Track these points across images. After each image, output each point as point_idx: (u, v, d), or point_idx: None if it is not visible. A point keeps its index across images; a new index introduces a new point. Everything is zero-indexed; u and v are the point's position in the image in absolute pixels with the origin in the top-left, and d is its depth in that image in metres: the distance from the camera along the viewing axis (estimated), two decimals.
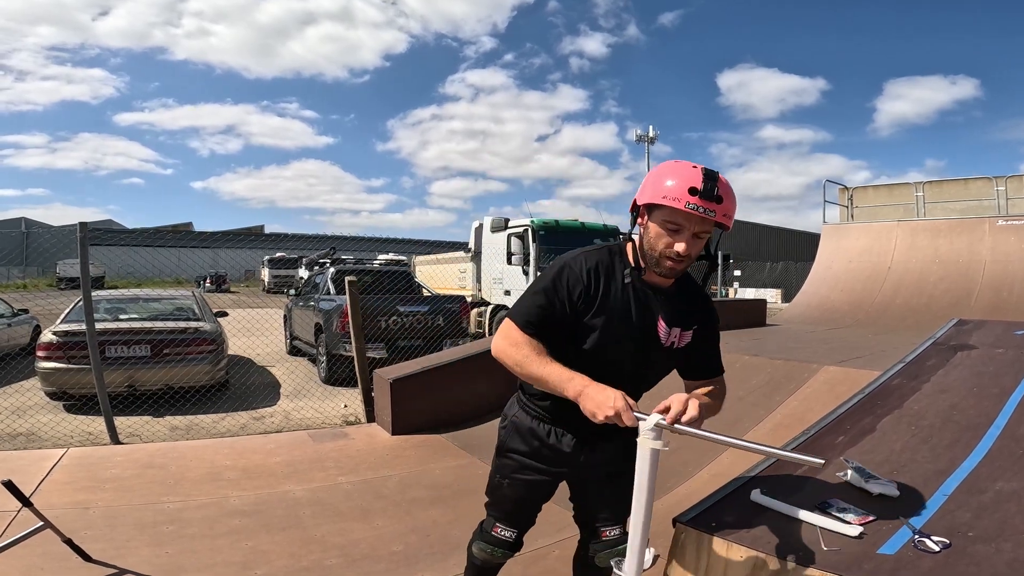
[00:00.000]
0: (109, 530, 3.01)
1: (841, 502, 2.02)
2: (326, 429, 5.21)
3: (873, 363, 4.60)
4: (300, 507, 3.41)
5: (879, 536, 1.84)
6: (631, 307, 1.63)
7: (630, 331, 1.63)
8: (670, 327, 1.65)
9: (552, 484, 1.89)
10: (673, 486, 3.68)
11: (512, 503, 1.92)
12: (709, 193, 1.46)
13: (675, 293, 1.68)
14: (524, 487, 1.87)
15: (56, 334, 6.28)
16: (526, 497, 1.90)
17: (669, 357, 1.71)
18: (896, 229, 10.15)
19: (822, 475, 2.21)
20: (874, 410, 2.76)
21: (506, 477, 1.89)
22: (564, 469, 1.84)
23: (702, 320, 1.72)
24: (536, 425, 1.82)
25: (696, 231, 1.51)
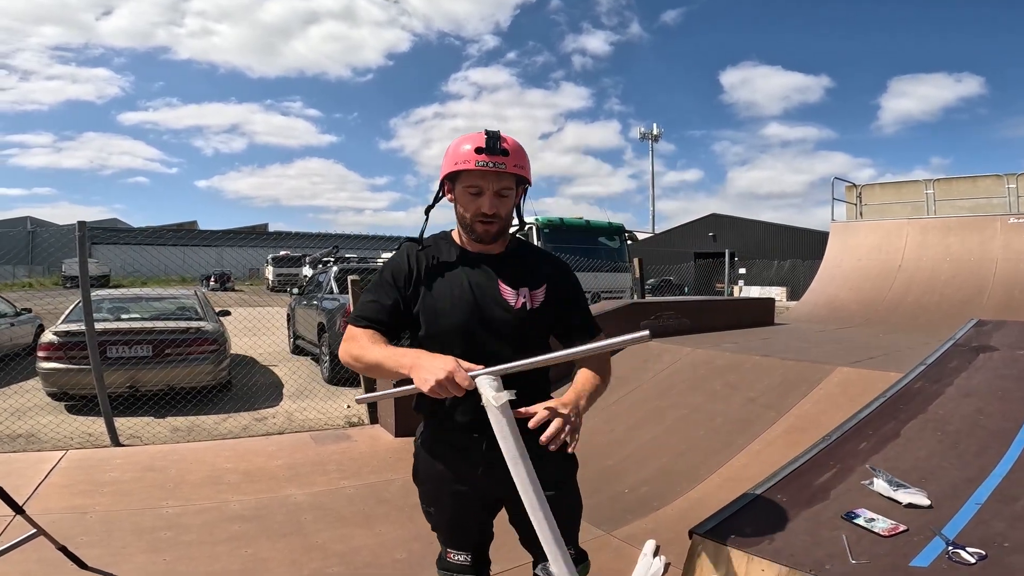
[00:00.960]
0: (106, 536, 2.93)
1: (868, 512, 1.93)
2: (328, 431, 5.13)
3: (887, 364, 4.49)
4: (301, 512, 3.33)
5: (911, 548, 1.74)
6: (465, 279, 1.59)
7: (470, 301, 1.57)
8: (516, 288, 1.59)
9: (481, 501, 1.70)
10: (684, 490, 3.58)
11: (448, 527, 1.76)
12: (493, 148, 1.49)
13: (512, 256, 1.65)
14: (450, 509, 1.71)
15: (57, 334, 6.22)
16: (459, 520, 1.73)
17: (529, 321, 1.60)
18: (906, 227, 10.01)
19: (846, 483, 2.12)
20: (897, 415, 2.66)
21: (430, 505, 1.75)
22: (484, 485, 1.65)
23: (552, 277, 1.66)
24: (436, 448, 1.70)
25: (496, 189, 1.53)
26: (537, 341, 1.64)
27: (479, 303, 1.57)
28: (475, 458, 1.62)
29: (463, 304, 1.57)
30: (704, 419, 4.30)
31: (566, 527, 1.69)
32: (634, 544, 2.99)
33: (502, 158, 1.50)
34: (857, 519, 1.91)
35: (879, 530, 1.84)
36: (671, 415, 4.51)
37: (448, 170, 1.56)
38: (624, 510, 3.39)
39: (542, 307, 1.62)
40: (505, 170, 1.51)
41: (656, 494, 3.55)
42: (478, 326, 1.56)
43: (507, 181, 1.54)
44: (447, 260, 1.62)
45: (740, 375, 4.76)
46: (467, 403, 1.54)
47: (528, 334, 1.60)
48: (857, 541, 1.81)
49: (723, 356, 5.21)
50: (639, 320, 6.58)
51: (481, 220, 1.55)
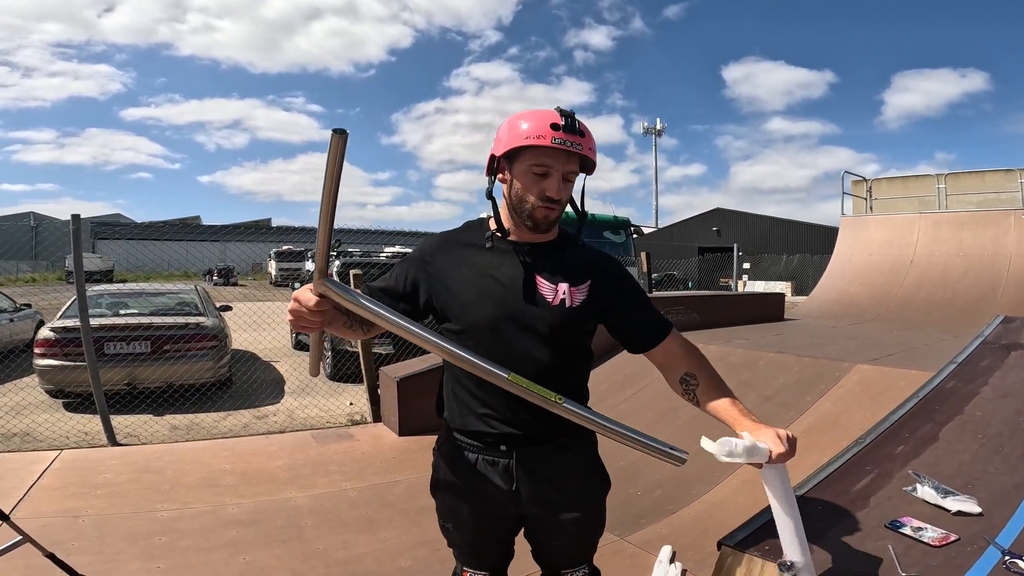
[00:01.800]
0: (98, 541, 2.81)
1: (915, 520, 1.79)
2: (330, 430, 5.00)
3: (907, 361, 4.35)
4: (301, 516, 3.19)
5: (964, 558, 1.60)
6: (496, 269, 1.43)
7: (500, 295, 1.41)
8: (555, 283, 1.42)
9: (504, 520, 1.56)
10: (699, 493, 3.45)
11: (466, 546, 1.61)
12: (572, 127, 1.34)
13: (553, 247, 1.47)
14: (471, 530, 1.56)
15: (54, 330, 6.11)
16: (479, 539, 1.58)
17: (567, 321, 1.43)
18: (918, 221, 9.83)
19: (887, 489, 1.97)
20: (933, 416, 2.51)
21: (448, 521, 1.59)
22: (508, 504, 1.50)
23: (597, 274, 1.47)
24: (458, 456, 1.51)
25: (564, 171, 1.38)
26: (575, 344, 1.48)
27: (510, 297, 1.41)
28: (503, 475, 1.46)
29: (491, 297, 1.41)
30: None
31: (584, 546, 1.65)
32: (649, 550, 2.87)
33: (579, 138, 1.35)
34: (903, 528, 1.77)
35: (928, 540, 1.71)
36: (684, 414, 4.37)
37: (514, 144, 1.37)
38: (638, 514, 3.27)
39: (583, 306, 1.44)
40: (581, 151, 1.36)
41: (670, 497, 3.42)
42: (508, 322, 1.40)
43: (575, 165, 1.39)
44: (479, 248, 1.46)
45: (754, 372, 4.62)
46: (497, 408, 1.42)
47: (565, 335, 1.44)
48: (905, 552, 1.68)
49: (736, 352, 5.07)
50: None
51: (546, 205, 1.38)
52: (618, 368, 5.48)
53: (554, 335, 1.41)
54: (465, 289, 1.43)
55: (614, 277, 1.50)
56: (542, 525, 1.56)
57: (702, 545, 2.85)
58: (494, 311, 1.40)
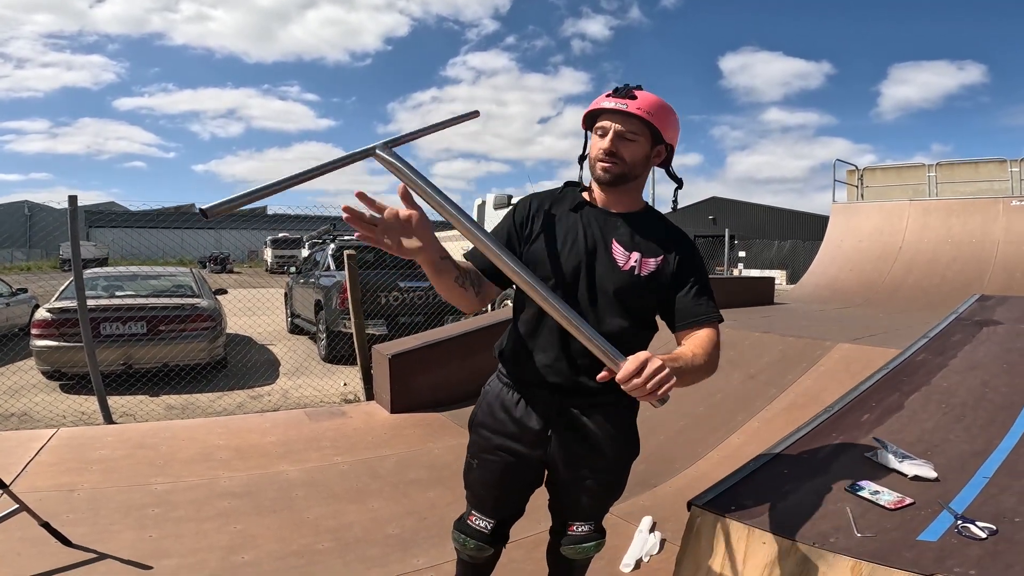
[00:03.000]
0: (92, 513, 2.87)
1: (873, 484, 1.87)
2: (323, 407, 5.08)
3: (888, 341, 4.43)
4: (293, 488, 3.27)
5: (918, 521, 1.68)
6: (580, 230, 1.56)
7: (579, 252, 1.54)
8: (628, 251, 1.54)
9: (529, 469, 1.65)
10: (681, 468, 3.54)
11: (483, 488, 1.70)
12: (623, 91, 1.52)
13: (635, 219, 1.59)
14: (495, 470, 1.65)
15: (51, 311, 6.15)
16: (499, 482, 1.67)
17: (634, 287, 1.52)
18: (908, 209, 9.91)
19: (850, 455, 2.06)
20: (900, 387, 2.60)
21: (475, 457, 1.70)
22: (537, 451, 1.60)
23: (672, 249, 1.57)
24: (505, 393, 1.65)
25: (621, 130, 1.51)
26: (638, 310, 1.56)
27: (587, 255, 1.54)
28: (540, 418, 1.58)
29: (573, 253, 1.54)
30: (704, 396, 4.24)
31: (599, 506, 1.74)
32: (631, 521, 2.95)
33: (628, 100, 1.50)
34: (862, 491, 1.85)
35: (885, 503, 1.78)
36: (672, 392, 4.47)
37: (586, 113, 1.60)
38: None
39: (651, 276, 1.54)
40: (627, 110, 1.49)
41: (654, 472, 3.51)
42: (582, 278, 1.53)
43: (633, 124, 1.50)
44: (568, 209, 1.60)
45: (740, 352, 4.70)
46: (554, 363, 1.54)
47: (629, 300, 1.53)
48: (862, 514, 1.75)
49: (722, 333, 5.13)
50: None
51: (601, 159, 1.52)
52: None
53: (619, 298, 1.52)
54: (550, 244, 1.55)
55: (687, 256, 1.58)
56: (564, 478, 1.65)
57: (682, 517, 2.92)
58: (571, 266, 1.53)
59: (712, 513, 1.89)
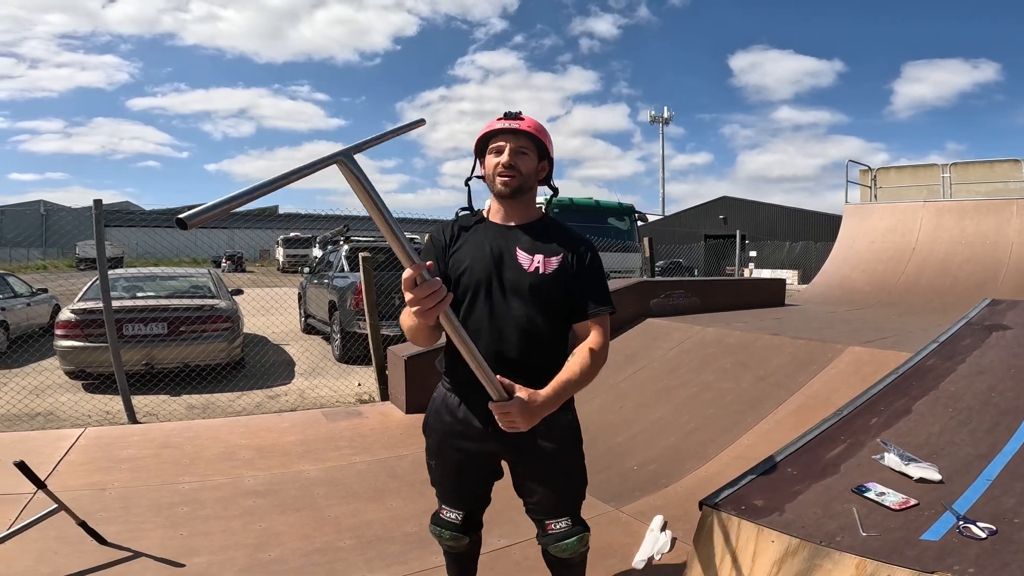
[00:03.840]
0: (124, 512, 2.98)
1: (879, 486, 1.93)
2: (340, 408, 5.19)
3: (900, 344, 4.46)
4: (314, 487, 3.37)
5: (921, 522, 1.75)
6: (486, 243, 1.75)
7: (488, 263, 1.72)
8: (531, 254, 1.73)
9: (481, 463, 1.84)
10: (691, 468, 3.60)
11: (445, 484, 1.90)
12: (512, 115, 1.74)
13: (533, 228, 1.79)
14: (450, 467, 1.85)
15: (74, 312, 6.30)
16: (456, 478, 1.87)
17: (541, 284, 1.72)
18: (921, 209, 9.86)
19: (857, 457, 2.12)
20: (909, 391, 2.65)
21: (432, 457, 1.89)
22: (487, 446, 1.78)
23: (570, 249, 1.76)
24: (448, 397, 1.83)
25: (514, 146, 1.71)
26: (547, 303, 1.73)
27: (495, 264, 1.72)
28: (482, 416, 1.72)
29: (482, 264, 1.72)
30: (714, 397, 4.30)
31: (565, 499, 1.86)
32: (642, 520, 3.02)
33: (518, 121, 1.72)
34: (868, 492, 1.91)
35: (890, 504, 1.85)
36: (681, 393, 4.52)
37: (480, 135, 1.78)
38: (633, 487, 3.42)
39: (555, 273, 1.72)
40: (520, 128, 1.70)
41: (665, 472, 3.57)
42: (495, 284, 1.71)
43: (524, 141, 1.72)
44: (475, 228, 1.80)
45: (750, 354, 4.75)
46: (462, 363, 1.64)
47: (541, 295, 1.72)
48: (868, 514, 1.82)
49: (733, 335, 5.19)
50: (649, 298, 6.57)
51: (501, 172, 1.71)
52: (618, 349, 5.62)
53: (531, 294, 1.70)
54: (464, 259, 1.75)
55: (584, 255, 1.78)
56: (520, 466, 1.83)
57: (692, 516, 2.99)
58: (483, 275, 1.72)
59: (723, 512, 1.96)
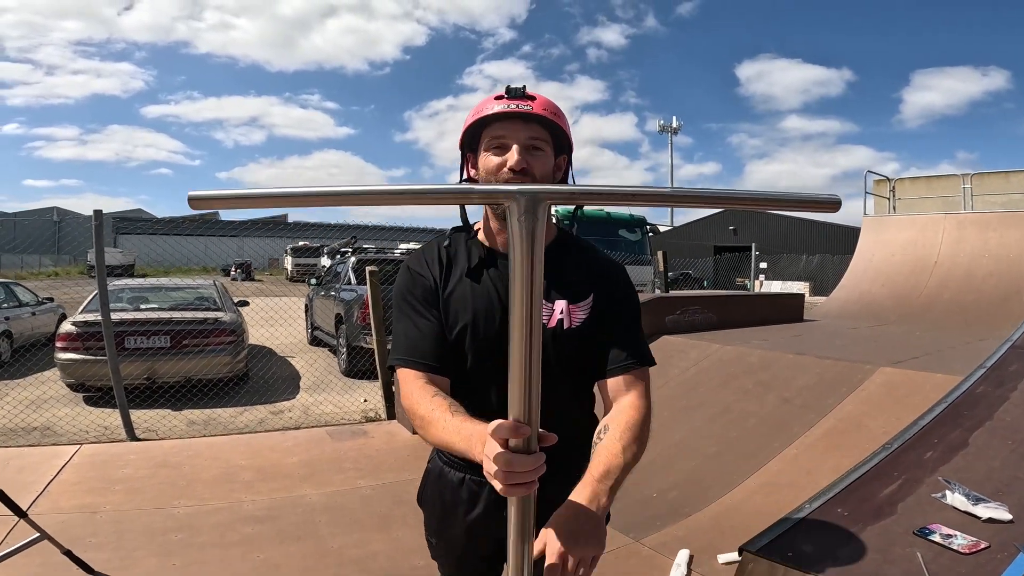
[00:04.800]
0: (116, 537, 2.83)
1: (944, 528, 1.74)
2: (345, 427, 5.01)
3: (933, 365, 4.25)
4: (316, 514, 3.20)
5: (995, 566, 1.56)
6: (491, 287, 1.24)
7: (492, 316, 1.22)
8: (551, 301, 1.22)
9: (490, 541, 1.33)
10: (716, 495, 3.39)
11: (450, 567, 1.47)
12: (516, 92, 1.18)
13: (553, 256, 1.26)
14: (455, 548, 1.41)
15: (75, 324, 6.17)
16: (462, 559, 1.43)
17: (567, 344, 1.24)
18: (943, 222, 9.63)
19: (915, 496, 1.92)
20: (962, 422, 2.44)
21: (432, 535, 1.45)
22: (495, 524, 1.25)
23: (602, 286, 1.26)
24: (447, 472, 1.38)
25: (525, 139, 1.18)
26: (579, 369, 1.28)
27: (497, 321, 1.22)
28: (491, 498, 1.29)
29: (487, 317, 1.23)
30: (736, 420, 4.09)
31: None
32: (664, 552, 2.83)
33: (528, 100, 1.19)
34: (932, 535, 1.73)
35: (958, 547, 1.67)
36: (700, 415, 4.32)
37: (466, 127, 1.24)
38: (653, 516, 3.22)
39: (584, 325, 1.24)
40: (532, 112, 1.18)
41: (687, 499, 3.37)
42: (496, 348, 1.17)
43: (537, 130, 1.20)
44: (470, 264, 1.28)
45: (773, 374, 4.55)
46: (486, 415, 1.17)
47: (564, 362, 1.24)
48: (934, 559, 1.64)
49: (754, 353, 4.99)
50: (664, 315, 6.38)
51: (508, 180, 1.17)
52: None
53: (554, 360, 1.21)
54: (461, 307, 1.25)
55: (616, 289, 1.29)
56: None
57: (719, 548, 2.81)
58: (489, 331, 1.23)
59: (767, 560, 1.76)
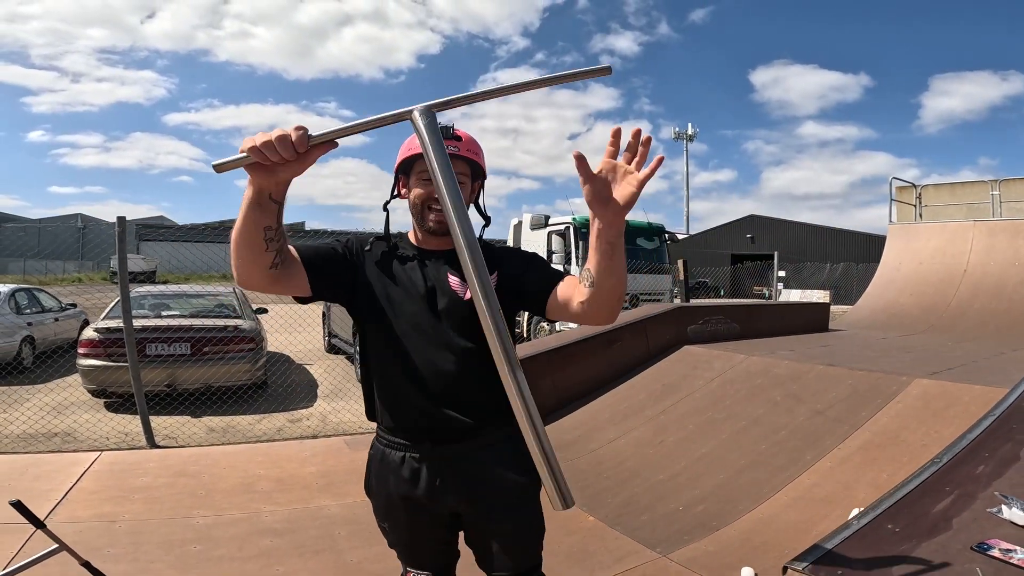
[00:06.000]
0: (134, 548, 2.79)
1: (1003, 543, 1.65)
2: (363, 436, 4.95)
3: (970, 376, 4.11)
4: (335, 526, 3.13)
5: None
6: (418, 271, 1.54)
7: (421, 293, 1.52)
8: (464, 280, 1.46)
9: (436, 519, 1.58)
10: (745, 509, 3.28)
11: (404, 546, 1.65)
12: (446, 133, 1.43)
13: None
14: (405, 528, 1.60)
15: (98, 331, 6.22)
16: (413, 538, 1.62)
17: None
18: (972, 229, 9.40)
19: (971, 511, 1.81)
20: (1012, 436, 2.32)
21: (383, 520, 1.64)
22: (437, 501, 1.53)
23: (503, 264, 1.56)
24: (387, 454, 1.57)
25: None
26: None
27: (429, 294, 1.52)
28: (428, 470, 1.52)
29: (415, 294, 1.52)
30: (766, 432, 3.97)
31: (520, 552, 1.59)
32: (694, 568, 2.74)
33: (455, 142, 1.49)
34: (991, 551, 1.64)
35: (1019, 561, 1.57)
36: (727, 427, 4.20)
37: (402, 158, 1.54)
38: (680, 531, 3.12)
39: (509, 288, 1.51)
40: (458, 153, 1.49)
41: (715, 513, 3.26)
42: (428, 314, 1.51)
43: (460, 166, 1.50)
44: (403, 255, 1.57)
45: (803, 385, 4.42)
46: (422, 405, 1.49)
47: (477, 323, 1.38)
48: (995, 574, 1.54)
49: (781, 364, 4.86)
50: (686, 324, 6.26)
51: (432, 206, 1.49)
52: (656, 378, 5.32)
53: (468, 324, 1.45)
54: (394, 289, 1.52)
55: (517, 259, 1.60)
56: (474, 526, 1.58)
57: (751, 564, 2.70)
58: (417, 307, 1.50)
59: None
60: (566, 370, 5.13)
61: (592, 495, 3.59)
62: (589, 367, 5.20)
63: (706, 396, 4.77)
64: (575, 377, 5.21)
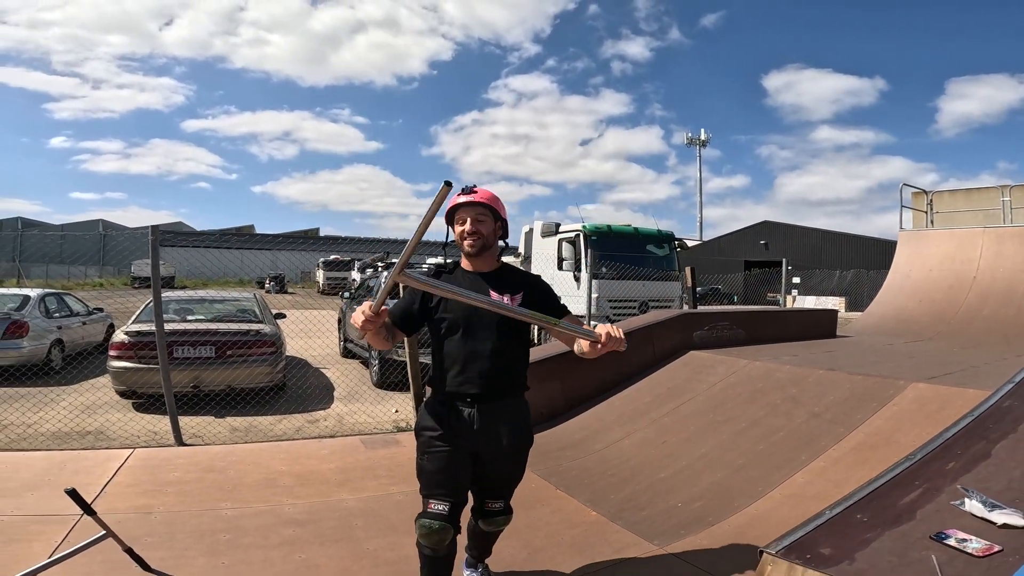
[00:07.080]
0: (168, 538, 3.00)
1: (960, 532, 1.80)
2: (378, 435, 5.16)
3: (966, 380, 4.21)
4: (353, 518, 3.33)
5: (1006, 568, 1.62)
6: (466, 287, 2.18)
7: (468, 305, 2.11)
8: (500, 294, 2.28)
9: (464, 457, 2.28)
10: (741, 506, 3.42)
11: (435, 475, 2.26)
12: (468, 190, 2.31)
13: (498, 273, 2.38)
14: (440, 459, 2.25)
15: (128, 334, 6.48)
16: (445, 468, 2.25)
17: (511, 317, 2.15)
18: (981, 236, 9.41)
19: (935, 503, 1.97)
20: (986, 434, 2.46)
21: (424, 454, 2.30)
22: (468, 443, 2.27)
23: (527, 286, 2.37)
24: (438, 407, 2.31)
25: (474, 215, 2.28)
26: (515, 333, 2.32)
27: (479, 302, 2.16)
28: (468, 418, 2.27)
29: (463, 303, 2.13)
30: (764, 433, 4.11)
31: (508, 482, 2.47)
32: (690, 560, 2.87)
33: (472, 195, 2.28)
34: (948, 540, 1.79)
35: (972, 551, 1.72)
36: (727, 429, 4.34)
37: (447, 211, 2.32)
38: (677, 525, 3.27)
39: (520, 305, 2.24)
40: (476, 199, 2.27)
41: (712, 509, 3.41)
42: (473, 317, 2.25)
43: (481, 209, 2.29)
44: (456, 276, 2.35)
45: (802, 389, 4.55)
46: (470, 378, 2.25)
47: (509, 324, 2.25)
48: (949, 562, 1.69)
49: (783, 369, 5.00)
50: (692, 330, 6.40)
51: (466, 237, 2.29)
52: (661, 382, 5.47)
53: (502, 324, 2.24)
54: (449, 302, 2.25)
55: (538, 289, 2.39)
56: (487, 458, 2.33)
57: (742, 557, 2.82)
58: (464, 312, 2.24)
59: (787, 562, 1.83)
60: (574, 374, 5.29)
61: (596, 491, 3.76)
62: (596, 371, 5.34)
63: (709, 399, 4.91)
64: (583, 380, 5.38)
